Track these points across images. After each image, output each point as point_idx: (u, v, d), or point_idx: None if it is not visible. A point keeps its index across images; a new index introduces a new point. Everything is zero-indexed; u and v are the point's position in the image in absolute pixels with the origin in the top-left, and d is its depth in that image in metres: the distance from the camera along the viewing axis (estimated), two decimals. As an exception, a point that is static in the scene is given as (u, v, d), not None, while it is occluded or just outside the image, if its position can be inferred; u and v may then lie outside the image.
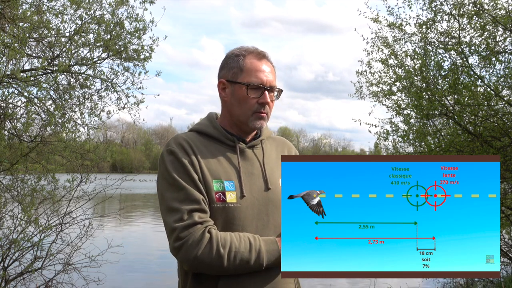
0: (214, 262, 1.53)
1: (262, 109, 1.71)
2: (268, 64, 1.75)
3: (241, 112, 1.72)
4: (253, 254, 1.57)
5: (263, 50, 1.77)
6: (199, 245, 1.53)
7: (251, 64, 1.72)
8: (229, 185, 1.64)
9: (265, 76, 1.71)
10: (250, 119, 1.71)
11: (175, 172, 1.62)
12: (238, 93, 1.71)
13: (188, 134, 1.75)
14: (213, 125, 1.76)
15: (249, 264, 1.56)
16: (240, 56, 1.74)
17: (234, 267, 1.55)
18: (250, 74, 1.71)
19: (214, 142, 1.73)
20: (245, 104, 1.71)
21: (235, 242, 1.56)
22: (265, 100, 1.71)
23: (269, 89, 1.72)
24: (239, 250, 1.55)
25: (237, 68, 1.73)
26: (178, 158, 1.63)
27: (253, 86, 1.70)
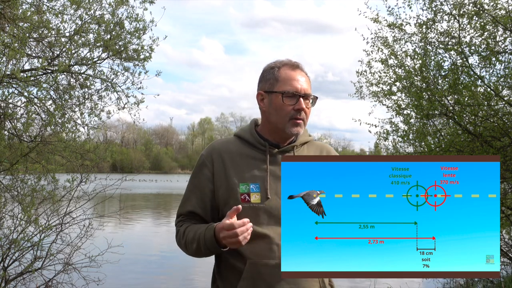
0: (181, 249, 1.89)
1: (298, 115, 1.81)
2: (301, 74, 1.86)
3: (278, 119, 1.83)
4: (196, 241, 1.78)
5: (297, 61, 1.88)
6: (176, 239, 1.91)
7: (285, 74, 1.84)
8: (254, 187, 1.78)
9: (299, 84, 1.82)
10: (286, 125, 1.82)
11: (192, 178, 1.91)
12: (275, 102, 1.83)
13: (226, 141, 1.93)
14: (251, 131, 1.91)
15: (196, 250, 1.79)
16: (275, 68, 1.86)
17: (188, 251, 1.85)
18: (285, 83, 1.82)
19: (249, 146, 1.87)
20: (281, 112, 1.82)
21: (189, 235, 1.82)
22: (300, 106, 1.80)
23: (304, 96, 1.82)
24: (188, 240, 1.82)
25: (273, 79, 1.85)
26: (201, 169, 1.88)
27: (288, 94, 1.81)
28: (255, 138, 1.87)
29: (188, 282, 8.35)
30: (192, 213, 1.87)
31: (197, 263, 7.19)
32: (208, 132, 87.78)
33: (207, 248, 1.73)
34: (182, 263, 9.40)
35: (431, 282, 7.98)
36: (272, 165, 1.81)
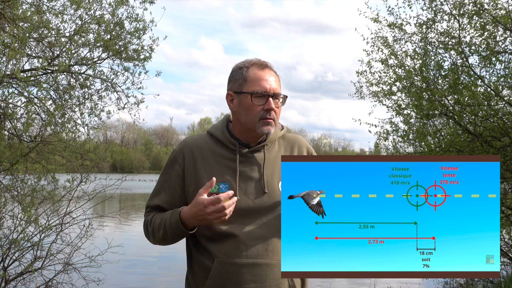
0: (149, 238, 1.91)
1: (267, 115, 1.80)
2: (270, 73, 1.85)
3: (248, 119, 1.82)
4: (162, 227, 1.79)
5: (265, 61, 1.88)
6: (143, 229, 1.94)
7: (254, 74, 1.83)
8: (223, 187, 1.78)
9: (268, 84, 1.81)
10: (257, 125, 1.81)
11: (164, 173, 1.91)
12: (244, 102, 1.82)
13: (198, 138, 1.92)
14: (222, 129, 1.90)
15: (163, 236, 1.80)
16: (243, 68, 1.85)
17: (154, 239, 1.86)
18: (254, 83, 1.82)
19: (220, 145, 1.87)
20: (251, 112, 1.81)
21: (155, 222, 1.83)
22: (269, 106, 1.80)
23: (273, 95, 1.81)
24: (155, 227, 1.83)
25: (241, 80, 1.84)
26: (172, 165, 1.88)
27: (257, 94, 1.80)
28: (225, 136, 1.87)
29: (188, 282, 8.30)
30: (159, 207, 1.88)
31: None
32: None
33: (173, 232, 1.74)
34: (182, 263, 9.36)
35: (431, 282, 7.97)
36: (242, 165, 1.81)
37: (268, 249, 1.72)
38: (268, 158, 1.85)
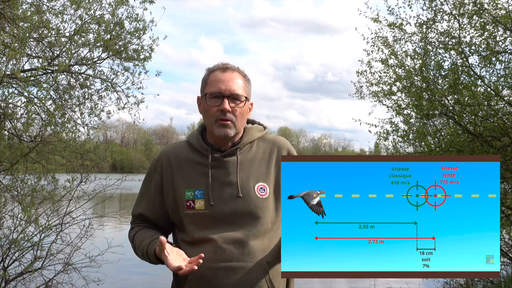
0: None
1: (222, 116, 1.77)
2: (231, 75, 1.82)
3: (207, 122, 1.83)
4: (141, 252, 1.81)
5: (232, 65, 1.86)
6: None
7: (213, 76, 1.82)
8: (199, 193, 1.78)
9: (223, 85, 1.78)
10: (214, 127, 1.79)
11: (144, 182, 1.93)
12: (203, 105, 1.83)
13: (177, 146, 1.92)
14: (196, 136, 1.89)
15: (143, 257, 1.82)
16: (208, 72, 1.86)
17: (138, 255, 1.86)
18: (211, 85, 1.81)
19: (194, 151, 1.86)
20: (208, 113, 1.81)
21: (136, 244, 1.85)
22: (223, 107, 1.76)
23: (230, 96, 1.78)
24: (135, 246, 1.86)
25: (204, 83, 1.85)
26: (151, 174, 1.89)
27: (212, 95, 1.78)
28: (198, 142, 1.85)
29: (188, 282, 8.30)
30: (142, 215, 1.90)
31: (197, 263, 7.12)
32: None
33: (151, 261, 1.78)
34: (182, 263, 9.35)
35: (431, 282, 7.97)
36: (215, 170, 1.79)
37: (244, 252, 1.71)
38: (242, 161, 1.82)
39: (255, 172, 1.81)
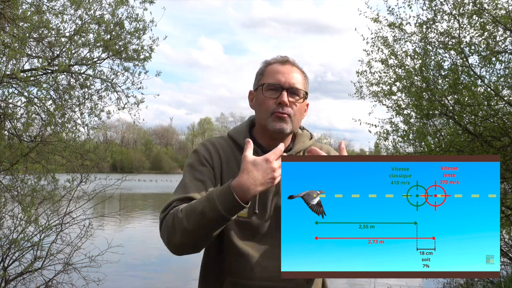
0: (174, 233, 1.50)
1: (280, 109, 1.63)
2: (291, 68, 1.69)
3: (261, 115, 1.67)
4: (204, 202, 1.46)
5: (291, 58, 1.72)
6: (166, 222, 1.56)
7: (272, 68, 1.69)
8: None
9: (283, 76, 1.65)
10: (268, 120, 1.64)
11: (192, 170, 1.65)
12: (258, 97, 1.69)
13: (222, 139, 1.75)
14: (244, 134, 1.73)
15: (201, 214, 1.44)
16: (265, 64, 1.72)
17: (188, 222, 1.46)
18: (268, 76, 1.67)
19: (241, 152, 1.65)
20: (263, 106, 1.65)
21: (192, 203, 1.51)
22: (282, 99, 1.62)
23: (289, 89, 1.64)
24: (189, 205, 1.49)
25: (259, 75, 1.72)
26: (199, 163, 1.66)
27: (270, 86, 1.65)
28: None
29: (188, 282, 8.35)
30: (192, 199, 1.59)
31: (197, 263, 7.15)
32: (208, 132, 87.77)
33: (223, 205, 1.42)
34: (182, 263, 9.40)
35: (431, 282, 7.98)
36: None
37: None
38: None
39: None
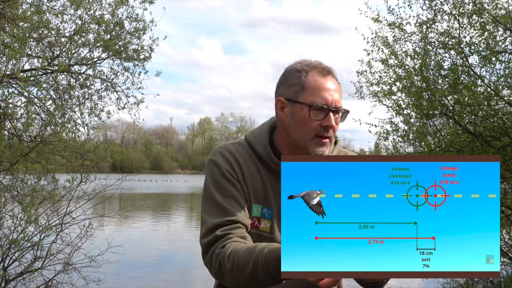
0: (223, 278, 1.46)
1: (325, 133, 1.51)
2: (333, 81, 1.54)
3: (301, 135, 1.53)
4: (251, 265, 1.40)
5: (328, 66, 1.56)
6: (212, 263, 1.46)
7: (315, 81, 1.51)
8: (266, 212, 1.56)
9: (330, 95, 1.50)
10: (310, 144, 1.52)
11: (218, 187, 1.53)
12: (299, 114, 1.51)
13: (239, 146, 1.61)
14: (264, 143, 1.59)
15: (251, 276, 1.40)
16: (302, 71, 1.53)
17: (238, 281, 1.42)
18: (313, 93, 1.50)
19: (260, 161, 1.59)
20: (306, 127, 1.51)
21: (240, 255, 1.41)
22: (329, 123, 1.50)
23: (334, 110, 1.52)
24: (239, 263, 1.40)
25: (298, 86, 1.52)
26: (226, 176, 1.53)
27: (317, 107, 1.49)
28: (268, 154, 1.58)
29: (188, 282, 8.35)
30: (239, 223, 1.47)
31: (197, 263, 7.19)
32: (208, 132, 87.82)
33: (269, 274, 1.39)
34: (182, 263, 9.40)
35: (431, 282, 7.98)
36: None
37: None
38: None
39: None
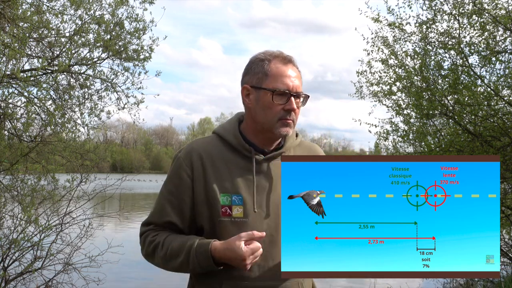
0: (152, 260, 1.70)
1: (287, 115, 1.63)
2: (294, 69, 1.68)
3: (266, 119, 1.64)
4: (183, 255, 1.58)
5: (289, 55, 1.70)
6: (145, 247, 1.71)
7: (277, 69, 1.65)
8: (236, 199, 1.61)
9: (291, 81, 1.64)
10: (275, 126, 1.63)
11: (168, 183, 1.70)
12: (263, 100, 1.64)
13: (206, 142, 1.71)
14: (234, 132, 1.70)
15: (180, 264, 1.60)
16: (265, 60, 1.67)
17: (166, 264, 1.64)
18: (276, 79, 1.63)
19: (231, 150, 1.68)
20: (270, 111, 1.63)
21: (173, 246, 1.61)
22: (291, 106, 1.63)
23: (295, 95, 1.65)
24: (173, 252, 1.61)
25: (262, 73, 1.65)
26: (178, 174, 1.67)
27: (279, 92, 1.62)
28: (239, 141, 1.67)
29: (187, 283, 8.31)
30: (170, 223, 1.66)
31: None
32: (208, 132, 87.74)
33: (198, 264, 1.55)
34: (182, 263, 9.35)
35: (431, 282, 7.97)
36: (257, 175, 1.63)
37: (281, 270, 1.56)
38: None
39: None
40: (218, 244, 1.54)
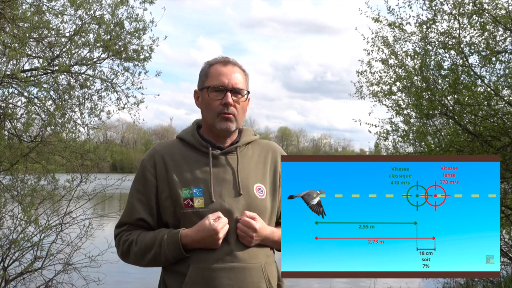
0: (128, 259, 1.84)
1: (225, 109, 1.76)
2: (233, 69, 1.83)
3: (208, 116, 1.80)
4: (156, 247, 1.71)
5: (231, 58, 1.86)
6: (120, 246, 1.86)
7: (215, 69, 1.82)
8: (197, 191, 1.73)
9: (226, 78, 1.79)
10: (215, 121, 1.78)
11: (136, 183, 1.83)
12: (204, 98, 1.81)
13: (169, 143, 1.87)
14: (192, 133, 1.85)
15: (153, 257, 1.73)
16: (208, 65, 1.85)
17: (142, 259, 1.78)
18: (213, 78, 1.80)
19: (191, 149, 1.82)
20: (210, 107, 1.79)
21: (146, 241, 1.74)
22: (226, 100, 1.76)
23: (232, 90, 1.78)
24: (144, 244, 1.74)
25: (204, 76, 1.84)
26: (144, 174, 1.81)
27: (215, 88, 1.78)
28: (196, 140, 1.82)
29: (188, 282, 8.31)
30: (141, 220, 1.80)
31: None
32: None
33: (169, 255, 1.68)
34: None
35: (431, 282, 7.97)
36: (215, 168, 1.76)
37: (245, 252, 1.68)
38: (242, 160, 1.81)
39: (253, 173, 1.80)
40: (187, 230, 1.68)
